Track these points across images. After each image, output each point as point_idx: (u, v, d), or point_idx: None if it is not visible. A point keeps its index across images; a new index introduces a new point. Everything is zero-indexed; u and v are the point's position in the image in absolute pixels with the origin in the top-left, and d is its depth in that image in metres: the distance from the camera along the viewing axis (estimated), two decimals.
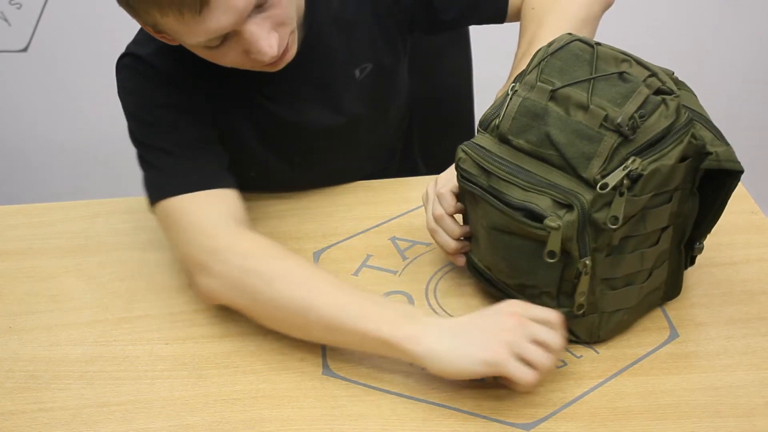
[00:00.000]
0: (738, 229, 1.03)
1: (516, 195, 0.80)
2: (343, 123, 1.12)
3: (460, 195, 0.92)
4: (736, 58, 2.16)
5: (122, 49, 1.05)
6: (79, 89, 2.08)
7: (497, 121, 0.84)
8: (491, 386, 0.84)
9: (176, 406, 0.85)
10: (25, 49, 2.07)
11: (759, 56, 2.18)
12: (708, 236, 0.90)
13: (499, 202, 0.81)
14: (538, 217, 0.78)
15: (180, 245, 0.96)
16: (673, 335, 0.90)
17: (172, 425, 0.83)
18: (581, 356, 0.87)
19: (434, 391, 0.84)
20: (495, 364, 0.78)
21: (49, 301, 1.01)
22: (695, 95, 0.85)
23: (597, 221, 0.77)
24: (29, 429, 0.83)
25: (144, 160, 1.01)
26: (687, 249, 0.90)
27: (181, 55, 1.01)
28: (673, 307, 0.93)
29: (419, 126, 1.29)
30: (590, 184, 0.77)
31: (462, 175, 0.86)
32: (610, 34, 1.14)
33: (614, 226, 0.77)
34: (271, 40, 0.90)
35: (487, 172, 0.83)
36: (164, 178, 0.99)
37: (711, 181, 0.84)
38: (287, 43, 0.93)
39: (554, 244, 0.78)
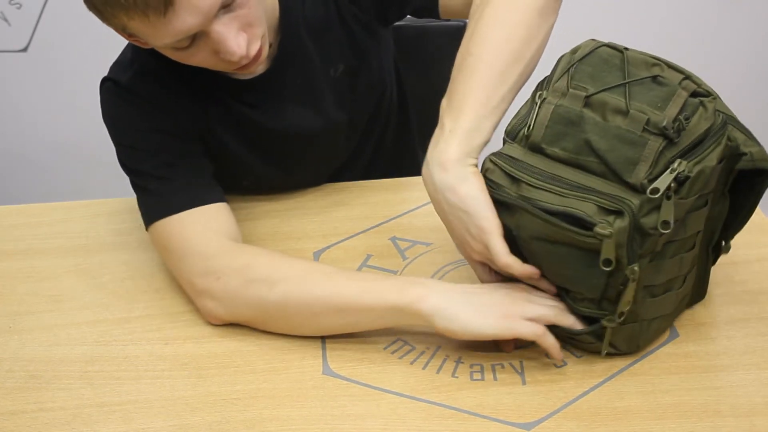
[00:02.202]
0: None
1: (552, 200, 0.78)
2: (326, 123, 1.12)
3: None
4: (736, 58, 2.16)
5: (122, 50, 1.05)
6: (79, 89, 2.07)
7: (526, 130, 0.81)
8: (491, 386, 0.84)
9: (176, 406, 0.85)
10: (25, 49, 2.07)
11: (759, 56, 2.18)
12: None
13: (539, 210, 0.78)
14: (583, 224, 0.76)
15: (176, 271, 0.97)
16: (673, 335, 0.89)
17: (172, 425, 0.83)
18: (581, 356, 0.87)
19: (434, 391, 0.84)
20: (508, 326, 0.83)
21: (49, 301, 1.01)
22: (720, 97, 0.84)
23: (644, 226, 0.76)
24: (29, 429, 0.83)
25: (135, 185, 1.02)
26: (713, 251, 0.89)
27: (160, 77, 1.01)
28: None
29: (420, 120, 1.29)
30: (636, 189, 0.76)
31: (491, 187, 0.83)
32: (610, 34, 1.13)
33: (666, 231, 0.75)
34: (240, 40, 0.89)
35: (517, 182, 0.81)
36: (153, 201, 1.00)
37: (742, 183, 0.84)
38: (260, 45, 0.93)
39: (609, 251, 0.75)
